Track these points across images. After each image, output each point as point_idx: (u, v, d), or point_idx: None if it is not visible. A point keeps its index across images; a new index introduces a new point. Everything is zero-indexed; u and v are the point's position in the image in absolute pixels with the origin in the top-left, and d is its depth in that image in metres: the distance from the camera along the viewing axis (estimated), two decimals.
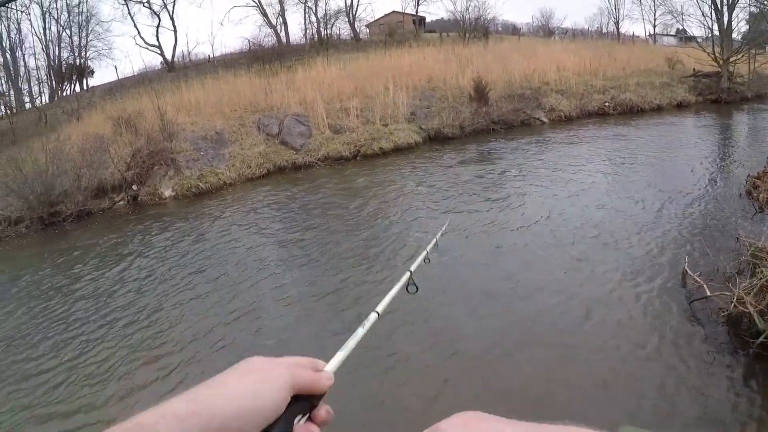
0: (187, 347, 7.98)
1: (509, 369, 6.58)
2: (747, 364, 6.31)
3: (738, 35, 35.21)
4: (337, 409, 0.96)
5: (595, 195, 13.41)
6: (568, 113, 26.58)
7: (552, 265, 9.50)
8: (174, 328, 8.69)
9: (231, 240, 12.81)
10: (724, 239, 9.83)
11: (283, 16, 48.17)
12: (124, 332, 8.73)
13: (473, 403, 4.68)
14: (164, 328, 8.72)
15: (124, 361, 7.77)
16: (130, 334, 8.64)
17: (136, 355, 7.92)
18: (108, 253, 13.08)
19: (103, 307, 9.84)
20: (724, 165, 16.25)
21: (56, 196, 16.73)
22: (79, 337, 8.72)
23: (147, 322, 9.00)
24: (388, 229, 12.31)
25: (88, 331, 8.93)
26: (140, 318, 9.21)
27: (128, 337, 8.54)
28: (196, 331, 8.45)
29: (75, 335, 8.83)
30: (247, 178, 19.23)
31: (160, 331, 8.63)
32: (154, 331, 8.67)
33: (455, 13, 51.93)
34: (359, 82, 26.21)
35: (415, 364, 6.83)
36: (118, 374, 7.41)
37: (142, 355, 7.88)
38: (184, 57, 48.16)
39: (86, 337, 8.69)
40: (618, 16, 59.94)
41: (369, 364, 6.60)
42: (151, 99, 22.76)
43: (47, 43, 43.41)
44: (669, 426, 5.50)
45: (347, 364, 1.06)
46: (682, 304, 7.80)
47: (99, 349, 8.24)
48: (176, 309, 9.40)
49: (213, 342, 8.05)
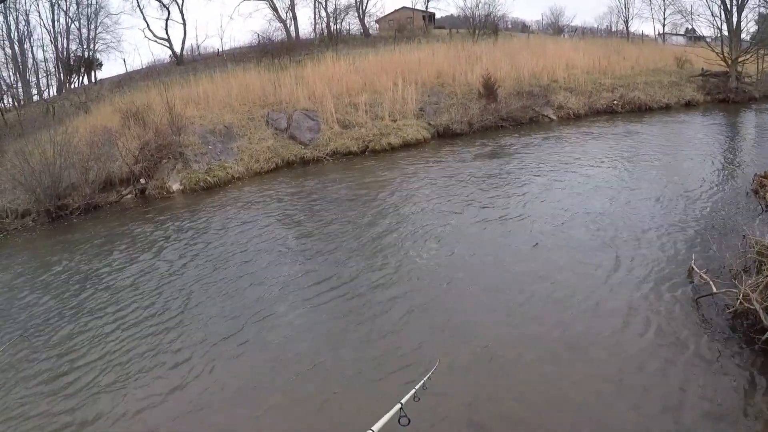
0: (197, 336, 8.11)
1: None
2: (753, 359, 6.35)
3: (747, 35, 35.19)
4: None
5: (602, 193, 13.41)
6: (576, 111, 26.58)
7: (557, 265, 9.55)
8: (187, 318, 8.80)
9: (237, 235, 12.89)
10: (731, 237, 9.84)
11: (293, 11, 48.05)
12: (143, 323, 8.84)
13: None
14: (179, 316, 8.83)
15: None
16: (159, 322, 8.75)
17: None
18: (116, 247, 13.16)
19: (112, 300, 9.94)
20: (730, 164, 16.24)
21: (63, 189, 16.79)
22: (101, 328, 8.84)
23: (169, 317, 9.11)
24: (397, 226, 12.36)
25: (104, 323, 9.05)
26: (171, 308, 9.32)
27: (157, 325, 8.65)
28: (205, 325, 8.57)
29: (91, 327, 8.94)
30: (255, 172, 19.25)
31: (173, 319, 8.74)
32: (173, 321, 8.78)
33: (465, 10, 51.96)
34: (368, 78, 26.22)
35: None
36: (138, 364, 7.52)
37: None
38: (193, 50, 48.26)
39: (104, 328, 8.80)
40: (627, 15, 59.24)
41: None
42: (160, 92, 22.84)
43: (56, 35, 43.39)
44: (676, 420, 5.54)
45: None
46: (689, 300, 7.83)
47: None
48: (182, 298, 9.50)
49: (223, 336, 8.16)
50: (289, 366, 7.13)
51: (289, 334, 7.98)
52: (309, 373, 6.92)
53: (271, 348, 7.65)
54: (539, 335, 7.28)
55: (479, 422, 5.74)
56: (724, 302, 7.51)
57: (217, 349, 7.72)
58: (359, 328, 7.95)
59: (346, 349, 7.44)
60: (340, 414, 6.10)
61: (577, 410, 5.81)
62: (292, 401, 6.41)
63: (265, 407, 6.36)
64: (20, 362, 8.04)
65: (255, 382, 6.89)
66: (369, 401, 6.09)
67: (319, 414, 6.14)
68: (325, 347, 7.51)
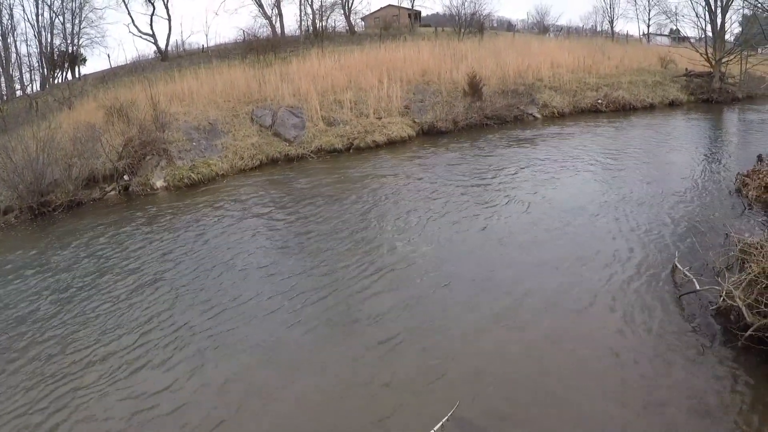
0: (170, 333, 8.05)
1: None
2: (735, 356, 6.42)
3: (731, 36, 35.58)
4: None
5: (585, 192, 13.51)
6: (561, 110, 26.71)
7: (540, 262, 9.59)
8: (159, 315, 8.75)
9: (219, 232, 12.79)
10: (714, 235, 9.95)
11: (279, 7, 47.68)
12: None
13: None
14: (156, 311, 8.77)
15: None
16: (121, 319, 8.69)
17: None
18: (98, 245, 13.02)
19: (92, 297, 9.86)
20: (714, 163, 16.37)
21: (47, 186, 16.51)
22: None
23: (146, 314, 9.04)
24: (379, 225, 12.36)
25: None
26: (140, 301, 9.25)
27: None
28: (177, 320, 8.52)
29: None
30: (239, 169, 19.12)
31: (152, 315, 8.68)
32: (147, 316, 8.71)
33: (451, 8, 52.00)
34: (353, 75, 26.13)
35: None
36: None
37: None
38: (178, 46, 47.72)
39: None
40: (613, 15, 59.69)
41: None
42: (144, 88, 22.57)
43: (39, 29, 42.96)
44: (660, 416, 5.58)
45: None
46: (672, 298, 7.90)
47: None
48: (154, 297, 9.44)
49: (193, 332, 8.12)
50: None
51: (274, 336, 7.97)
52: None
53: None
54: (522, 332, 7.31)
55: (465, 418, 5.74)
56: (707, 299, 7.61)
57: (197, 345, 7.69)
58: (347, 328, 7.94)
59: (332, 344, 7.44)
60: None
61: (562, 406, 5.83)
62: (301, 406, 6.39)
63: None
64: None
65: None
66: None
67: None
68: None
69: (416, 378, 6.48)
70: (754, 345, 6.32)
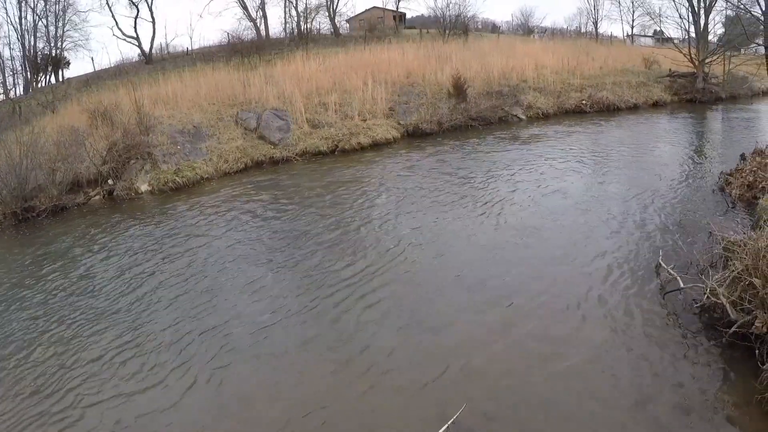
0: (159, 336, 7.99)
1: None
2: (720, 352, 6.47)
3: (714, 37, 35.89)
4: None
5: (570, 192, 13.56)
6: (545, 110, 26.80)
7: (525, 262, 9.62)
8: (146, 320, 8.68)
9: (204, 235, 12.70)
10: (698, 233, 10.03)
11: (263, 10, 47.61)
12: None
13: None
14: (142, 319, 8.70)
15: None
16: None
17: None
18: (82, 250, 12.91)
19: (77, 303, 9.78)
20: (698, 162, 16.52)
21: (30, 191, 16.30)
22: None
23: (120, 320, 8.97)
24: (362, 227, 12.34)
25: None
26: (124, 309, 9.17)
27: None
28: (164, 325, 8.46)
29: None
30: (224, 172, 18.99)
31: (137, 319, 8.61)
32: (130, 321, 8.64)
33: (435, 10, 52.22)
34: (338, 77, 26.06)
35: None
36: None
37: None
38: (162, 49, 47.47)
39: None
40: (597, 17, 60.05)
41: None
42: (128, 91, 22.38)
43: (23, 32, 42.58)
44: (646, 413, 5.60)
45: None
46: (656, 296, 7.95)
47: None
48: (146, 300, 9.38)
49: (180, 336, 8.07)
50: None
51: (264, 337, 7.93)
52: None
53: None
54: (508, 333, 7.32)
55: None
56: (691, 297, 7.66)
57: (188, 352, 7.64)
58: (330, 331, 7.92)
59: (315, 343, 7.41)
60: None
61: (549, 406, 5.84)
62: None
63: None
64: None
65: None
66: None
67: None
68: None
69: (404, 383, 6.47)
70: (738, 341, 6.36)
